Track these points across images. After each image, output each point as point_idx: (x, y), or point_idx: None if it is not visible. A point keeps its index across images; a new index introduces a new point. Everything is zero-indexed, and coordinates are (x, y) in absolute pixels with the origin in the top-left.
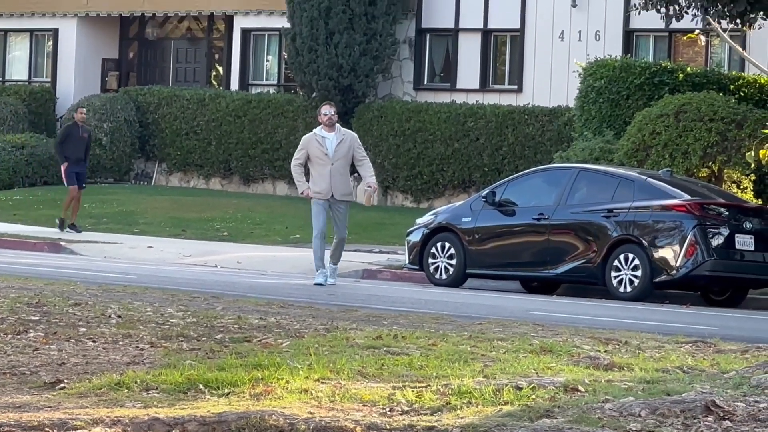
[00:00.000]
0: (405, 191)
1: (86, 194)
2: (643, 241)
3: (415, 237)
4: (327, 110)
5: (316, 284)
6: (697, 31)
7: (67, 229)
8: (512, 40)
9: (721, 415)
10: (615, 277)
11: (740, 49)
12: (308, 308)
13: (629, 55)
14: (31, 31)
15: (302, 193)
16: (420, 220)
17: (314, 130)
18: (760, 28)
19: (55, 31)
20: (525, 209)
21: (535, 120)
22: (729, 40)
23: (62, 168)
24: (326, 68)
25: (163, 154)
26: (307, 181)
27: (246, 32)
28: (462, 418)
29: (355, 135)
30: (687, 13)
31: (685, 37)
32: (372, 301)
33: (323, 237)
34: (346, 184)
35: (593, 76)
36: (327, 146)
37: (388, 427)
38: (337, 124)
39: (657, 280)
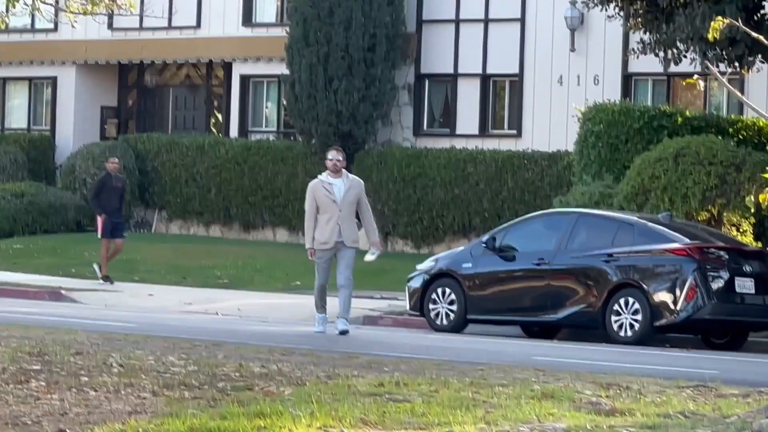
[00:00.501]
0: (405, 237)
1: (86, 242)
2: (644, 285)
3: (416, 283)
4: (334, 155)
5: (317, 332)
6: (695, 76)
7: (100, 280)
8: (511, 85)
9: None
10: (615, 322)
11: (738, 93)
12: (310, 355)
13: (628, 99)
14: (30, 79)
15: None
16: (420, 266)
17: (319, 177)
18: (758, 71)
19: (54, 79)
20: (525, 254)
21: (534, 165)
22: (727, 84)
23: (99, 220)
24: (325, 114)
25: (163, 202)
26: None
27: (245, 79)
28: None
29: (362, 182)
30: (685, 56)
31: (683, 82)
32: (373, 348)
33: (325, 288)
34: (353, 231)
35: (592, 120)
36: (335, 192)
37: None
38: (344, 170)
39: (657, 323)
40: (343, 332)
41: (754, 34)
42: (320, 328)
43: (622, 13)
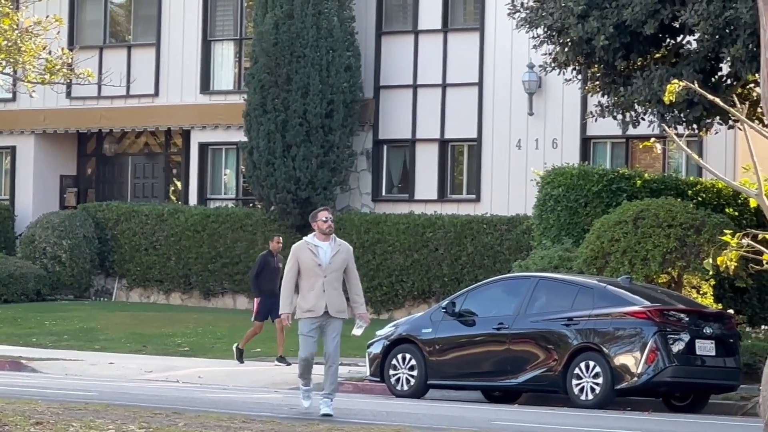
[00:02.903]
0: (365, 303)
1: (46, 311)
2: (604, 349)
3: (376, 349)
4: (326, 216)
5: (305, 410)
6: (652, 139)
7: (276, 362)
8: (469, 149)
9: None
10: (576, 385)
11: (695, 156)
12: (270, 422)
13: (587, 162)
14: None
15: (281, 316)
16: (380, 332)
17: (305, 239)
18: (716, 133)
19: (13, 149)
20: (485, 319)
21: (493, 229)
22: (684, 147)
23: (256, 302)
24: (284, 181)
25: (123, 270)
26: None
27: (203, 146)
28: None
29: (351, 248)
30: (644, 119)
31: (641, 145)
32: (334, 414)
33: (311, 362)
34: (340, 300)
35: (551, 184)
36: (321, 256)
37: None
38: (333, 234)
39: (618, 387)
40: (326, 415)
41: (710, 97)
42: (306, 404)
43: (579, 77)
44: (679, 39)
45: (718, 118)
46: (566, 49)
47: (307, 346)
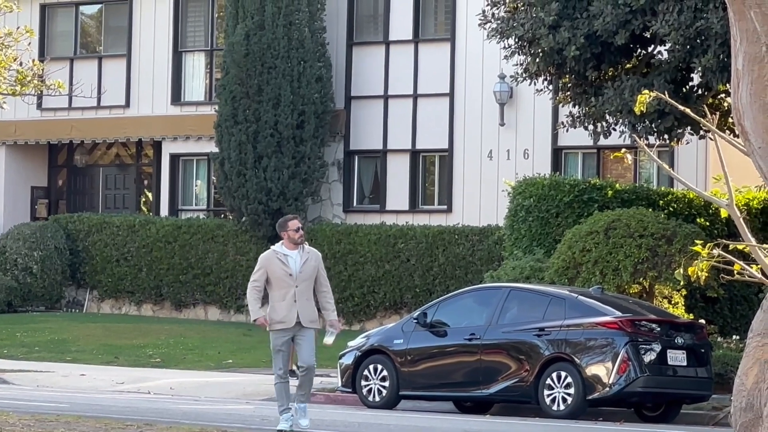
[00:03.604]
0: (337, 313)
1: (17, 323)
2: (576, 359)
3: (348, 360)
4: (297, 224)
5: (279, 431)
6: (623, 150)
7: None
8: (441, 160)
9: None
10: (548, 396)
11: (666, 166)
12: None
13: (558, 172)
14: None
15: (255, 321)
16: (352, 343)
17: (273, 247)
18: (687, 143)
19: None
20: (457, 330)
21: (465, 240)
22: (655, 158)
23: None
24: (255, 192)
25: (94, 281)
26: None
27: (174, 157)
28: None
29: (320, 254)
30: (615, 129)
31: (612, 156)
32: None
33: (287, 378)
34: (312, 309)
35: (522, 194)
36: (291, 265)
37: None
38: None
39: (590, 397)
40: (300, 429)
41: (681, 107)
42: (285, 426)
43: (550, 87)
44: (650, 49)
45: (689, 128)
46: (537, 60)
47: (279, 360)
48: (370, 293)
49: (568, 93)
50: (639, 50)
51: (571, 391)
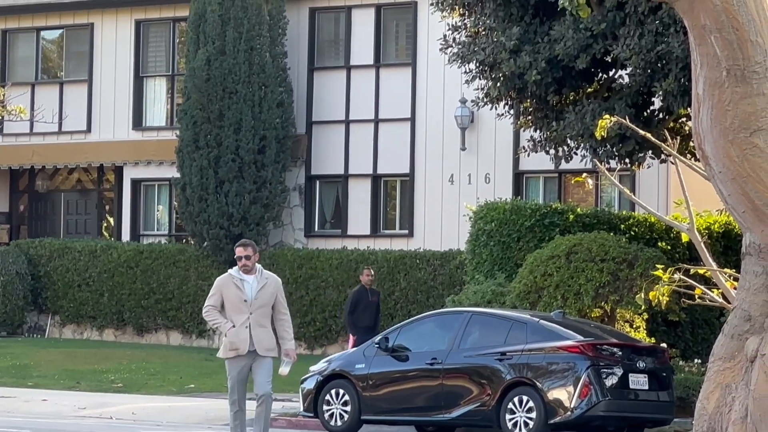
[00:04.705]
0: (298, 338)
1: None
2: (537, 383)
3: (309, 384)
4: (240, 252)
5: None
6: (584, 175)
7: None
8: (402, 184)
9: None
10: (510, 420)
11: (626, 191)
12: None
13: (519, 197)
14: None
15: (228, 331)
16: (314, 368)
17: (230, 271)
18: (649, 167)
19: None
20: (418, 354)
21: (426, 264)
22: (615, 182)
23: (351, 339)
24: (217, 217)
25: (56, 307)
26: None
27: (136, 183)
28: None
29: (279, 280)
30: (576, 153)
31: (573, 180)
32: None
33: (243, 409)
34: (269, 337)
35: (484, 219)
36: (246, 290)
37: None
38: (259, 266)
39: (552, 421)
40: None
41: (642, 132)
42: None
43: (512, 112)
44: (611, 73)
45: (650, 152)
46: (498, 84)
47: (236, 389)
48: (331, 318)
49: (530, 117)
50: (600, 74)
51: (533, 415)
